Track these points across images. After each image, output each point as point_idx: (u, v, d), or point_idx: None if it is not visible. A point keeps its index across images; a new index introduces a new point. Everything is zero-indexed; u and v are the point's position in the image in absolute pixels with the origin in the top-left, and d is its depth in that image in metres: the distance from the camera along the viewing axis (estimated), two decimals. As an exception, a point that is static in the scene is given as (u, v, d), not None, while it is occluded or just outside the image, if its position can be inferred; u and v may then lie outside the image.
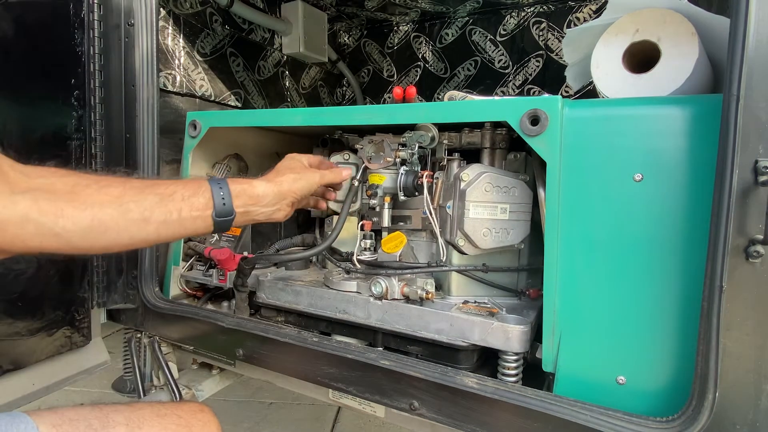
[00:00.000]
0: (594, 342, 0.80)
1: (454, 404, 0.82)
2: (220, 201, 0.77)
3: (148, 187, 0.73)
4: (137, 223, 0.69)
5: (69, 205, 0.64)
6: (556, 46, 2.03)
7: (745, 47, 0.63)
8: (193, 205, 0.75)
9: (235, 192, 0.80)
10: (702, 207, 0.71)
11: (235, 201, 0.79)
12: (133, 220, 0.69)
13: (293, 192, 0.88)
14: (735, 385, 0.67)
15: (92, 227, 0.65)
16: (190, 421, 0.80)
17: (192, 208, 0.75)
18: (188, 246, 1.33)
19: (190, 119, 1.25)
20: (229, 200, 0.78)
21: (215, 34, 1.72)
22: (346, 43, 2.53)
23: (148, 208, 0.70)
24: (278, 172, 0.91)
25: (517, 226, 0.98)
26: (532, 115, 0.82)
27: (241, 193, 0.81)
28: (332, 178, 0.98)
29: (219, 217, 0.77)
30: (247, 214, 0.82)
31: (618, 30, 0.94)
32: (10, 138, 1.04)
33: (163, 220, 0.71)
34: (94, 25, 1.16)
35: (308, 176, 0.92)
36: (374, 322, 0.99)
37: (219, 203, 0.77)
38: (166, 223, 0.72)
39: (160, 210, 0.71)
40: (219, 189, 0.78)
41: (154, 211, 0.71)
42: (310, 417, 2.28)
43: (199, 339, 1.17)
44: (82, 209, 0.65)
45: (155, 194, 0.72)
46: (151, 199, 0.71)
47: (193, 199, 0.75)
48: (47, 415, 0.69)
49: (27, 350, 1.09)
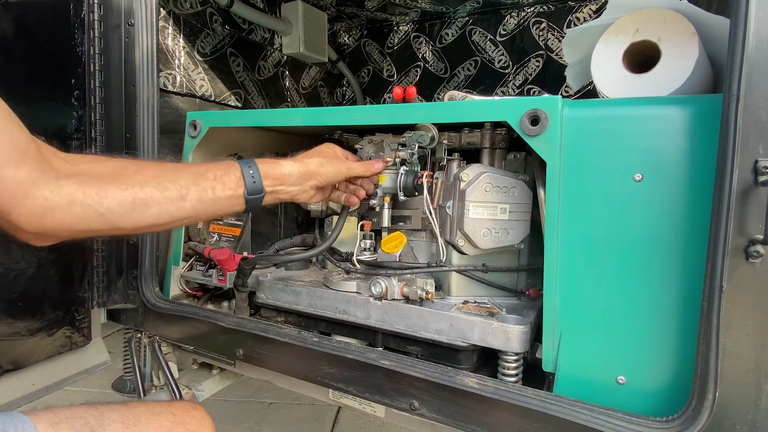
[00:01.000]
0: (594, 342, 0.80)
1: (454, 404, 0.82)
2: (250, 179, 0.80)
3: (183, 168, 0.77)
4: (175, 201, 0.72)
5: (112, 186, 0.67)
6: (556, 46, 2.03)
7: (745, 47, 0.63)
8: (226, 183, 0.78)
9: (264, 171, 0.83)
10: (702, 207, 0.71)
11: (264, 180, 0.82)
12: (171, 198, 0.72)
13: (319, 174, 0.89)
14: (735, 385, 0.67)
15: (135, 206, 0.68)
16: (184, 418, 0.80)
17: (225, 186, 0.78)
18: (188, 246, 1.33)
19: (190, 119, 1.25)
20: (259, 179, 0.81)
21: (215, 34, 1.72)
22: (346, 43, 2.53)
23: (184, 186, 0.73)
24: (308, 154, 0.92)
25: (517, 226, 0.98)
26: (532, 115, 0.82)
27: (269, 171, 0.83)
28: (361, 170, 0.97)
29: (250, 195, 0.80)
30: (275, 193, 0.85)
31: (618, 30, 0.94)
32: (10, 138, 1.04)
33: (198, 198, 0.75)
34: (94, 25, 1.16)
35: (336, 163, 0.92)
36: (374, 322, 0.99)
37: (249, 182, 0.80)
38: (201, 201, 0.75)
39: (195, 188, 0.74)
40: (249, 168, 0.81)
41: (190, 189, 0.74)
42: (310, 417, 2.28)
43: (199, 339, 1.17)
44: (124, 189, 0.68)
45: (190, 173, 0.76)
46: (186, 178, 0.74)
47: (225, 177, 0.78)
48: (44, 415, 0.69)
49: (27, 350, 1.09)
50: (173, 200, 0.72)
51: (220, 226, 1.31)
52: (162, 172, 0.73)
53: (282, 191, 0.86)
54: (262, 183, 0.82)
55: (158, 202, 0.71)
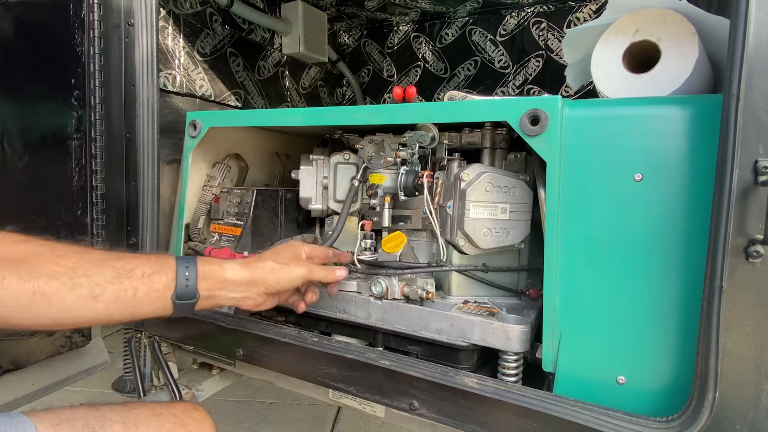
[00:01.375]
0: (594, 342, 0.80)
1: (454, 404, 0.82)
2: (183, 282, 0.72)
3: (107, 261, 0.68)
4: (85, 299, 0.63)
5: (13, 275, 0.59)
6: (556, 46, 2.03)
7: (745, 47, 0.63)
8: (153, 284, 0.69)
9: (203, 273, 0.75)
10: (702, 207, 0.71)
11: (201, 283, 0.74)
12: (81, 296, 0.63)
13: (268, 282, 0.81)
14: (735, 385, 0.67)
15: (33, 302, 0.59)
16: (185, 419, 0.80)
17: (151, 287, 0.69)
18: (188, 246, 1.33)
19: (190, 119, 1.25)
20: (194, 282, 0.73)
21: (215, 34, 1.72)
22: (346, 43, 2.53)
23: (100, 284, 0.64)
24: (262, 257, 0.84)
25: (517, 226, 0.98)
26: (532, 115, 0.82)
27: (209, 275, 0.75)
28: (322, 276, 0.89)
29: (179, 300, 0.72)
30: (212, 298, 0.77)
31: (618, 30, 0.94)
32: (11, 138, 1.04)
33: (115, 298, 0.66)
34: (94, 25, 1.16)
35: (291, 269, 0.84)
36: (374, 322, 0.99)
37: (182, 284, 0.72)
38: (118, 302, 0.66)
39: (114, 287, 0.66)
40: (185, 269, 0.73)
41: (107, 288, 0.65)
42: (310, 417, 2.28)
43: (199, 339, 1.17)
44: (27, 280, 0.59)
45: (114, 268, 0.67)
46: (108, 274, 0.66)
47: (155, 277, 0.70)
48: (45, 415, 0.69)
49: (27, 350, 1.09)
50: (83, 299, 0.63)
51: (220, 225, 1.31)
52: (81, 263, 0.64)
53: (221, 296, 0.78)
54: (197, 287, 0.73)
55: (63, 299, 0.61)
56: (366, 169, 1.08)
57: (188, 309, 0.74)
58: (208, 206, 1.34)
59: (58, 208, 1.15)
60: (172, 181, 1.40)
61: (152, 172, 1.18)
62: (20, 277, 0.59)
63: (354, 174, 1.12)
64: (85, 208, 1.18)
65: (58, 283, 0.61)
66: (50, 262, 0.62)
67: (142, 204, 1.18)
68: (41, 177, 1.12)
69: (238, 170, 1.46)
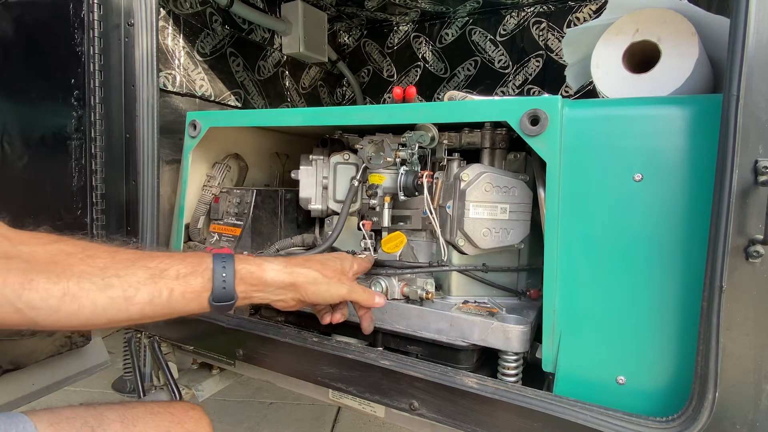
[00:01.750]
0: (594, 342, 0.80)
1: (454, 404, 0.82)
2: (220, 284, 0.68)
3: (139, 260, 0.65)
4: (117, 301, 0.61)
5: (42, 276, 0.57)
6: (556, 46, 2.03)
7: (745, 47, 0.63)
8: (189, 285, 0.66)
9: (241, 274, 0.70)
10: (702, 207, 0.71)
11: (239, 285, 0.70)
12: (113, 298, 0.61)
13: (307, 292, 0.77)
14: (735, 385, 0.67)
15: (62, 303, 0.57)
16: (182, 418, 0.80)
17: (187, 288, 0.66)
18: (188, 246, 1.33)
19: (190, 119, 1.25)
20: (231, 283, 0.69)
21: (215, 34, 1.72)
22: (346, 43, 2.53)
23: (133, 284, 0.62)
24: (307, 262, 0.79)
25: (517, 226, 0.98)
26: (532, 115, 0.82)
27: (247, 276, 0.71)
28: (361, 298, 0.84)
29: (216, 302, 0.68)
30: (248, 299, 0.74)
31: (618, 30, 0.94)
32: (11, 138, 1.05)
33: (150, 300, 0.63)
34: (94, 25, 1.16)
35: (333, 286, 0.79)
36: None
37: (219, 286, 0.68)
38: (152, 304, 0.63)
39: (148, 288, 0.63)
40: (222, 268, 0.69)
41: (140, 289, 0.62)
42: (310, 417, 2.28)
43: (199, 339, 1.17)
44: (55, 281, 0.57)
45: (146, 269, 0.64)
46: (141, 274, 0.63)
47: (190, 278, 0.66)
48: (44, 415, 0.69)
49: (27, 350, 1.09)
50: (115, 301, 0.60)
51: (220, 225, 1.31)
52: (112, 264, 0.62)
53: (257, 297, 0.74)
54: (234, 288, 0.69)
55: (93, 301, 0.59)
56: (366, 169, 1.08)
57: (225, 311, 0.71)
58: (208, 206, 1.34)
59: (58, 208, 1.15)
60: (172, 181, 1.40)
61: (152, 172, 1.18)
62: (49, 279, 0.57)
63: (354, 174, 1.12)
64: (85, 208, 1.18)
65: (89, 284, 0.59)
66: (81, 263, 0.61)
67: (142, 204, 1.18)
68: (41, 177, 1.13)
69: (238, 170, 1.46)
